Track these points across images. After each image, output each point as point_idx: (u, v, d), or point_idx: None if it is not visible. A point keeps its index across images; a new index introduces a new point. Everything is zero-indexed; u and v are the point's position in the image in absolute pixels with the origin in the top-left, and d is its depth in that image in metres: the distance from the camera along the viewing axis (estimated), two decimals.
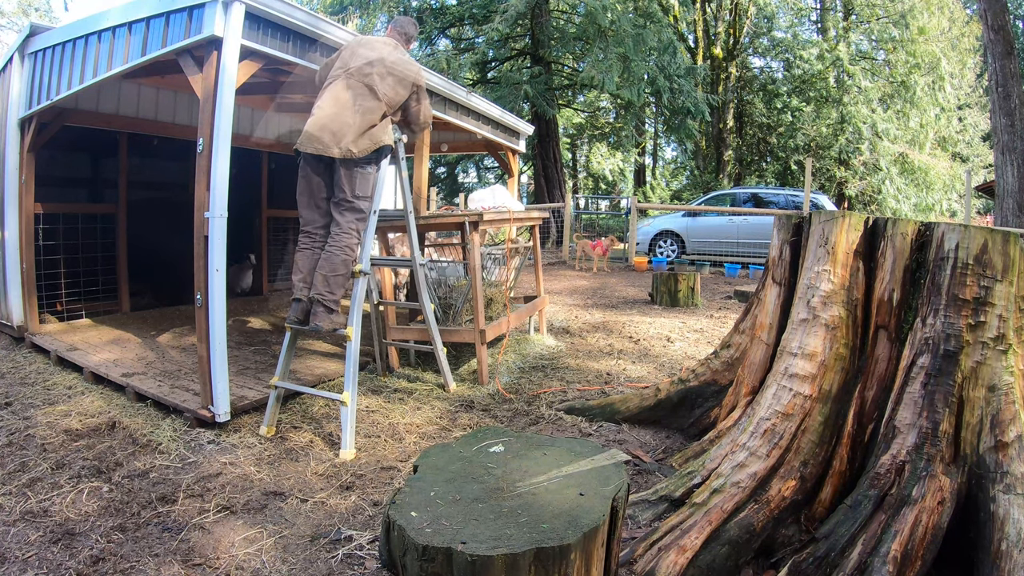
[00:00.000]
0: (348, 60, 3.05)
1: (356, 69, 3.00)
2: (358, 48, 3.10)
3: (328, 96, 2.98)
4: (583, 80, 13.03)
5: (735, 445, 2.20)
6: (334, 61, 3.15)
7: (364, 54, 3.05)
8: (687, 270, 8.80)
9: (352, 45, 3.16)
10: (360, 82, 2.97)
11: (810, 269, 2.26)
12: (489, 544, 1.21)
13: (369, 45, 3.12)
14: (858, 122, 16.76)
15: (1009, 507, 1.70)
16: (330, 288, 2.88)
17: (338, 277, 2.89)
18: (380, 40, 3.22)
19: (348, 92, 2.95)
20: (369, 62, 3.01)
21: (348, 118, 2.91)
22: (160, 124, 5.54)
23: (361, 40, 3.21)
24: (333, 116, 2.91)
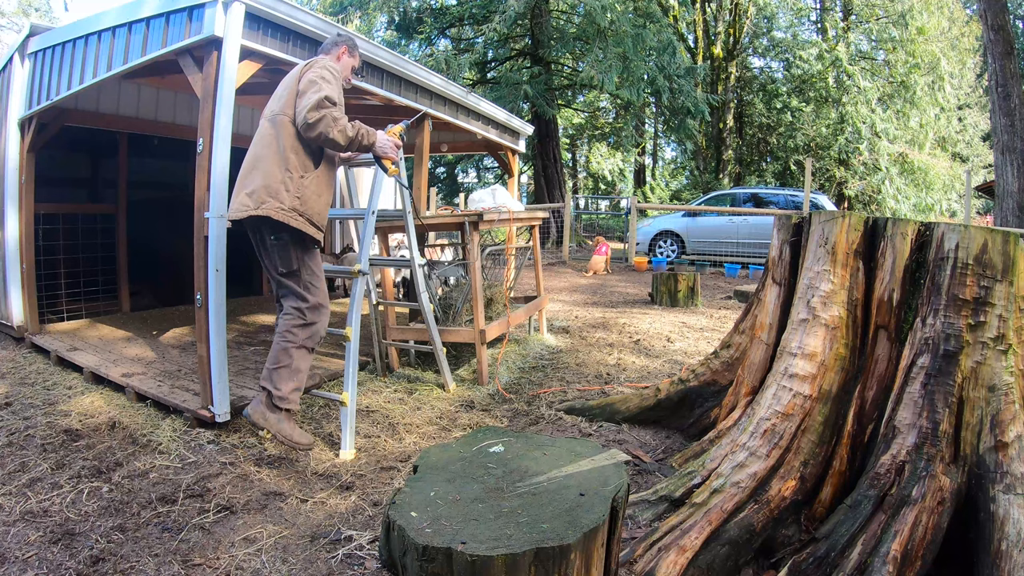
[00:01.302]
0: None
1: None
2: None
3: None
4: (583, 80, 13.04)
5: (735, 445, 2.20)
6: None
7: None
8: (687, 270, 8.80)
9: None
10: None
11: (810, 269, 2.26)
12: (489, 544, 1.21)
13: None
14: (858, 122, 16.76)
15: (1009, 507, 1.70)
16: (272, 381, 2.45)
17: (279, 369, 2.44)
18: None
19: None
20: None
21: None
22: (160, 124, 5.54)
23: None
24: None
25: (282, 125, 2.47)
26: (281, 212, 2.39)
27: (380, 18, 15.95)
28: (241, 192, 2.45)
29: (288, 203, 2.41)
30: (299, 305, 2.47)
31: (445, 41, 17.10)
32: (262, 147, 2.48)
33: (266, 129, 2.51)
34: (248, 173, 2.47)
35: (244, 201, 2.41)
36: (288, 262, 2.46)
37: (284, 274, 2.46)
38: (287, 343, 2.42)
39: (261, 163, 2.45)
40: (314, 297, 2.49)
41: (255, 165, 2.46)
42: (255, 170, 2.45)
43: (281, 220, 2.39)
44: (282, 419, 2.42)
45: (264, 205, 2.38)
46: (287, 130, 2.47)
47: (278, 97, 2.54)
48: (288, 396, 2.42)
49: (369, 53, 3.78)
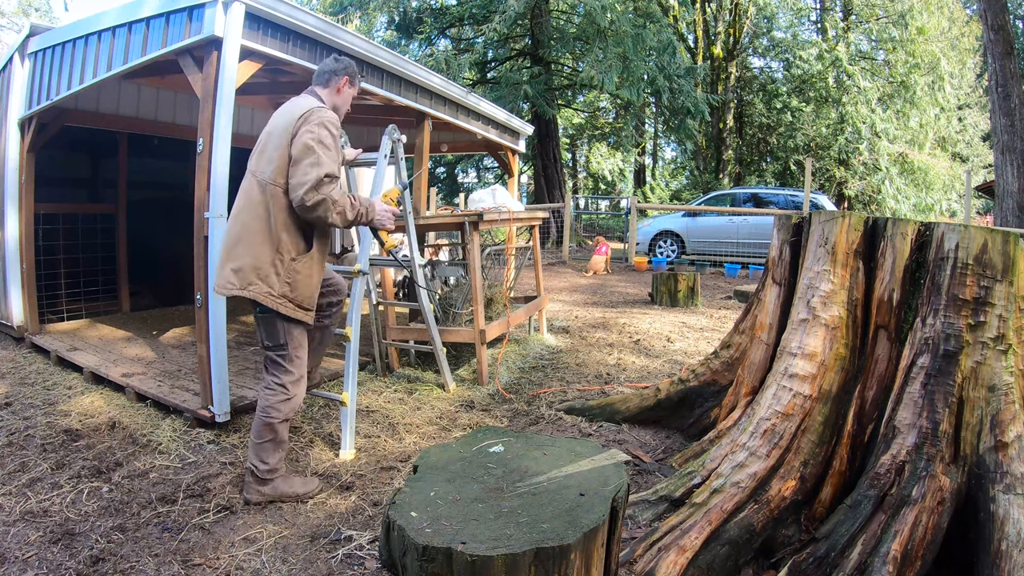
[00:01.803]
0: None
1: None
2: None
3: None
4: (583, 80, 13.04)
5: (735, 445, 2.20)
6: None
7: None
8: (687, 270, 8.80)
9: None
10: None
11: (810, 269, 2.26)
12: (489, 544, 1.21)
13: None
14: (857, 122, 16.76)
15: (1009, 507, 1.70)
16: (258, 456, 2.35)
17: (265, 444, 2.33)
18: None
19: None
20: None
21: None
22: (160, 124, 5.54)
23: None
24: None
25: (274, 197, 2.21)
26: (270, 298, 2.23)
27: (380, 18, 15.95)
28: (227, 265, 2.24)
29: (278, 289, 2.24)
30: (282, 380, 2.33)
31: (445, 41, 17.10)
32: (251, 217, 2.23)
33: (255, 194, 2.24)
34: (235, 244, 2.25)
35: (230, 278, 2.23)
36: (275, 336, 2.32)
37: (270, 347, 2.34)
38: (271, 419, 2.31)
39: (249, 237, 2.22)
40: (297, 370, 2.36)
41: (242, 237, 2.24)
42: (242, 243, 2.23)
43: (269, 306, 2.24)
44: (277, 485, 2.35)
45: (251, 287, 2.21)
46: (279, 204, 2.22)
47: (267, 155, 2.24)
48: (275, 467, 2.35)
49: (369, 53, 3.78)
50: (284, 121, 2.26)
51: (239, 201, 2.31)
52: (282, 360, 2.33)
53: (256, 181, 2.26)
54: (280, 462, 2.37)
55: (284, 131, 2.24)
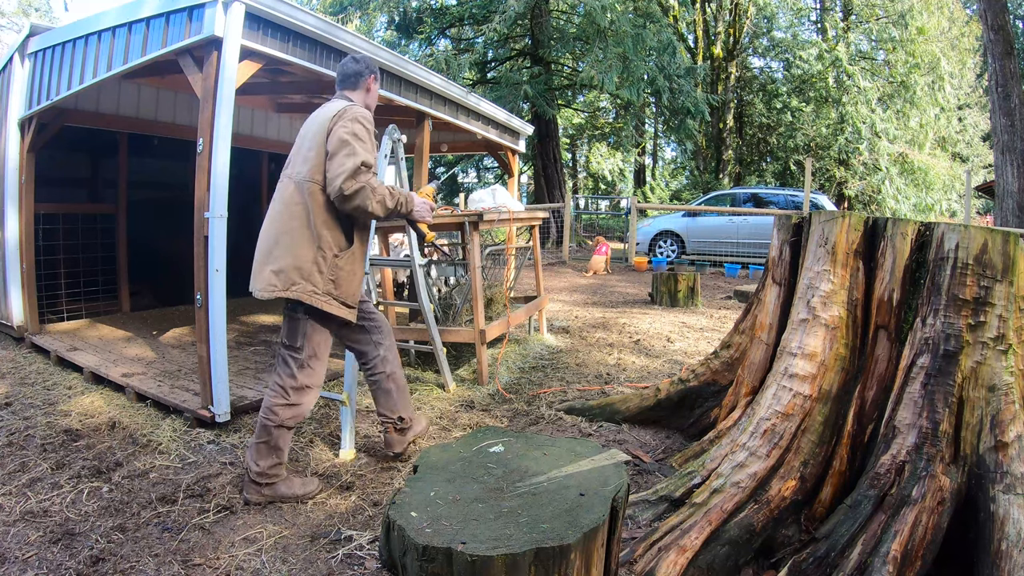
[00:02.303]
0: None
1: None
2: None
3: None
4: (583, 80, 13.03)
5: (735, 445, 2.20)
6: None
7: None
8: (687, 270, 8.80)
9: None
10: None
11: (810, 269, 2.26)
12: (489, 544, 1.21)
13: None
14: (857, 122, 16.77)
15: (1009, 507, 1.70)
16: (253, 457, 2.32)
17: (260, 445, 2.30)
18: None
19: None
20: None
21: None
22: (160, 124, 5.54)
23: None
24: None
25: (312, 195, 2.21)
26: (315, 297, 2.21)
27: (380, 18, 15.94)
28: (266, 267, 2.21)
29: (322, 287, 2.22)
30: (285, 383, 2.29)
31: (445, 41, 17.10)
32: (288, 217, 2.23)
33: (292, 195, 2.24)
34: (273, 246, 2.23)
35: (271, 280, 2.19)
36: (293, 337, 2.30)
37: (287, 345, 2.32)
38: (268, 421, 2.28)
39: (288, 238, 2.21)
40: (305, 378, 2.30)
41: (280, 238, 2.22)
42: (281, 245, 2.21)
43: (314, 305, 2.21)
44: (277, 488, 2.31)
45: (294, 288, 2.18)
46: (318, 201, 2.21)
47: (303, 156, 2.25)
48: (267, 472, 2.29)
49: (369, 53, 3.78)
50: (317, 124, 2.27)
51: (274, 206, 2.29)
52: (293, 363, 2.30)
53: (292, 182, 2.25)
54: (273, 468, 2.30)
55: (318, 131, 2.23)
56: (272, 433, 2.28)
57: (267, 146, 6.66)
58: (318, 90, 5.04)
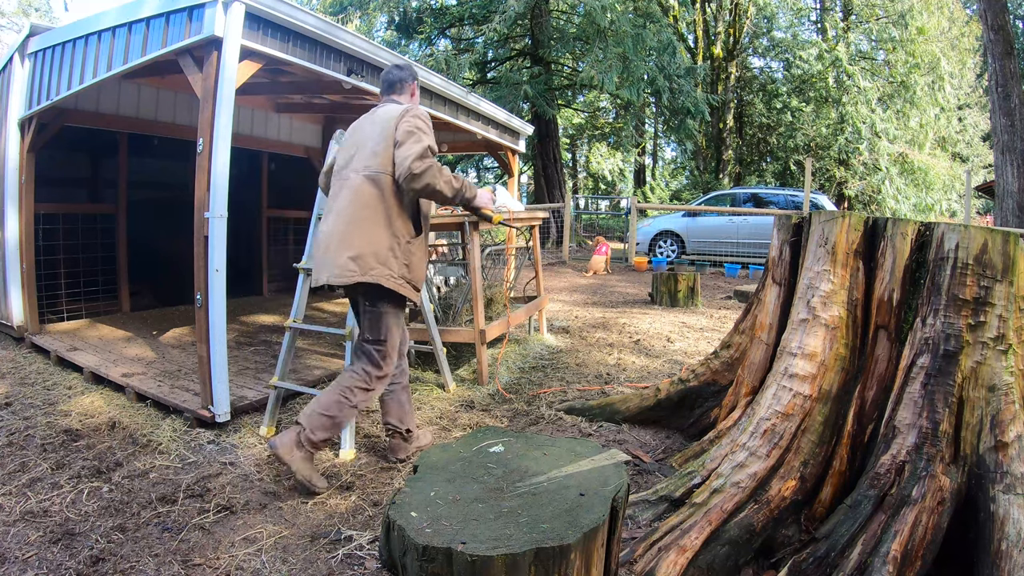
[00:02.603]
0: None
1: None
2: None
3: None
4: (583, 80, 13.03)
5: (735, 445, 2.20)
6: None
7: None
8: (687, 270, 8.80)
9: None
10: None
11: (810, 269, 2.26)
12: (489, 544, 1.21)
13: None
14: (857, 122, 16.77)
15: (1009, 507, 1.70)
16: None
17: (325, 417, 2.38)
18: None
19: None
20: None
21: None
22: (160, 124, 5.54)
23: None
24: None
25: (386, 186, 2.35)
26: (391, 280, 2.32)
27: (380, 18, 15.95)
28: (342, 254, 2.30)
29: (397, 271, 2.34)
30: (370, 371, 2.42)
31: (445, 41, 17.11)
32: (361, 207, 2.34)
33: (363, 187, 2.35)
34: (348, 235, 2.32)
35: (348, 265, 2.29)
36: (378, 331, 2.41)
37: (370, 340, 2.42)
38: (344, 399, 2.39)
39: (364, 225, 2.32)
40: (386, 368, 2.44)
41: (355, 227, 2.32)
42: (357, 233, 2.31)
43: (391, 288, 2.33)
44: (306, 459, 2.36)
45: (373, 272, 2.29)
46: (390, 191, 2.35)
47: (371, 151, 2.38)
48: (318, 443, 2.37)
49: (369, 53, 3.78)
50: (381, 123, 2.42)
51: (343, 199, 2.39)
52: (377, 355, 2.43)
53: (364, 176, 2.37)
54: (324, 443, 2.39)
55: (384, 129, 2.39)
56: (344, 411, 2.39)
57: (267, 146, 6.66)
58: (318, 90, 5.04)
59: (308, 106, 6.30)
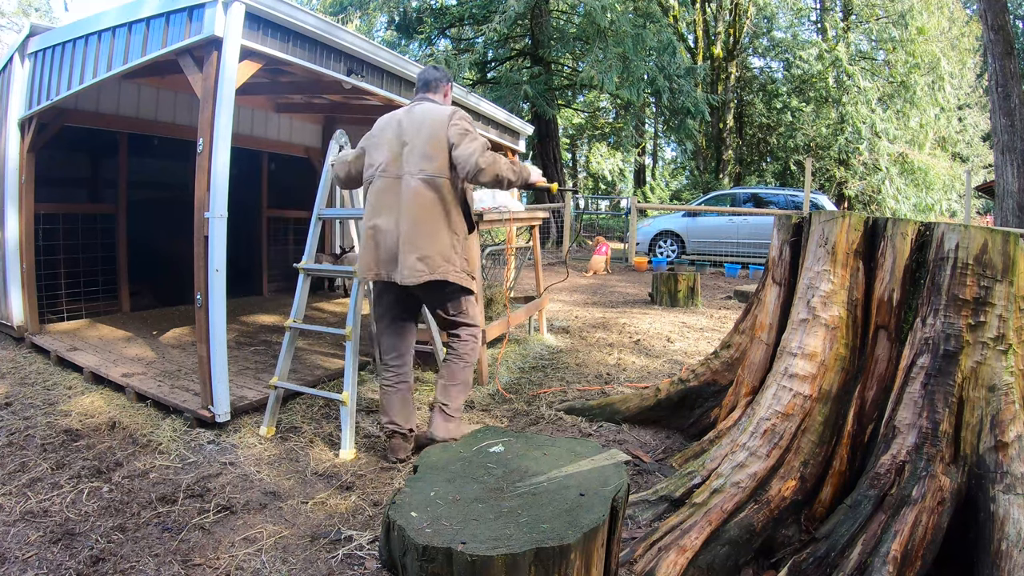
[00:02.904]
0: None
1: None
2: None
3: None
4: (583, 80, 13.04)
5: (735, 445, 2.20)
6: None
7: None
8: (687, 270, 8.80)
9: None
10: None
11: (810, 269, 2.26)
12: (489, 544, 1.21)
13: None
14: (857, 122, 16.77)
15: (1009, 507, 1.70)
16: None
17: (457, 386, 2.74)
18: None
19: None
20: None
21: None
22: (160, 124, 5.54)
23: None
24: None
25: (444, 188, 2.55)
26: (455, 274, 2.57)
27: (380, 18, 15.95)
28: (410, 255, 2.49)
29: (459, 265, 2.59)
30: (475, 332, 2.75)
31: (445, 41, 17.10)
32: (422, 209, 2.51)
33: (422, 190, 2.52)
34: (413, 236, 2.50)
35: (418, 267, 2.49)
36: (459, 305, 2.70)
37: (455, 315, 2.71)
38: (466, 364, 2.72)
39: (428, 227, 2.52)
40: (479, 319, 2.81)
41: (419, 228, 2.51)
42: (422, 235, 2.51)
43: (456, 282, 2.58)
44: (460, 424, 2.73)
45: (440, 270, 2.52)
46: (450, 194, 2.56)
47: (423, 153, 2.54)
48: (459, 407, 2.73)
49: (369, 53, 3.78)
50: (428, 128, 2.57)
51: (404, 201, 2.54)
52: (468, 320, 2.74)
53: (421, 180, 2.53)
54: (462, 405, 2.75)
55: (433, 135, 2.55)
56: (468, 373, 2.74)
57: (267, 146, 6.66)
58: (318, 90, 5.04)
59: (308, 106, 6.30)
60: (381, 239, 2.56)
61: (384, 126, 2.68)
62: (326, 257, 6.51)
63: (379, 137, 2.66)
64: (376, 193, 2.60)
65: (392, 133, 2.62)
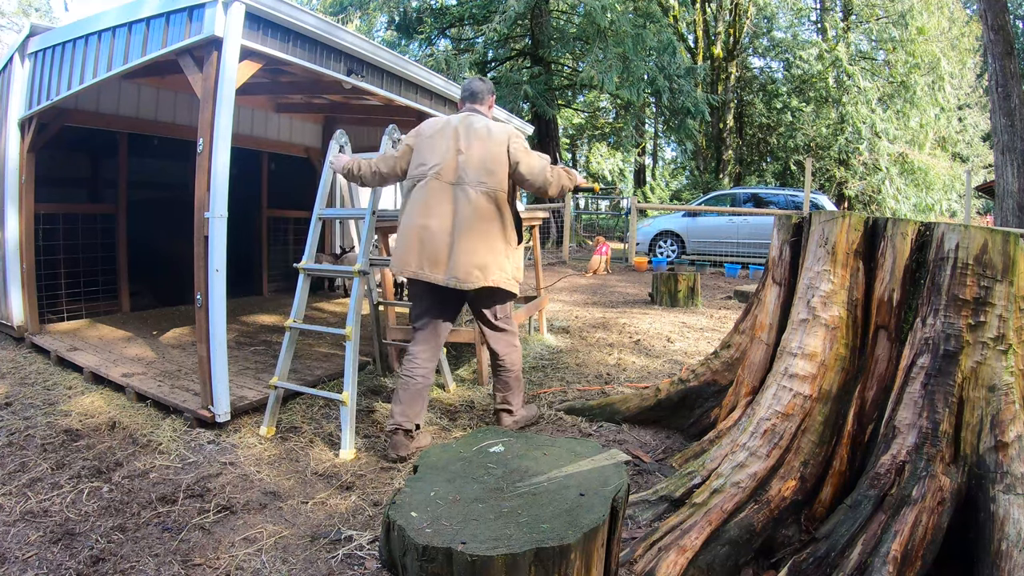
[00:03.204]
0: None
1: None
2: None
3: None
4: (583, 80, 13.04)
5: (735, 445, 2.20)
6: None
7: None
8: (687, 270, 8.80)
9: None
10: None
11: (810, 269, 2.26)
12: (489, 544, 1.21)
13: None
14: (858, 122, 16.77)
15: (1009, 507, 1.70)
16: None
17: (514, 392, 3.01)
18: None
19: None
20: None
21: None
22: (160, 124, 5.54)
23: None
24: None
25: (502, 201, 2.74)
26: (507, 282, 2.77)
27: (380, 18, 15.95)
28: (469, 261, 2.66)
29: (511, 273, 2.80)
30: (515, 342, 2.97)
31: (445, 41, 17.10)
32: (480, 220, 2.69)
33: (482, 202, 2.70)
34: (472, 245, 2.67)
35: (474, 272, 2.66)
36: (505, 310, 2.93)
37: (499, 319, 2.90)
38: (517, 371, 2.96)
39: (486, 238, 2.70)
40: (516, 330, 3.00)
41: (479, 238, 2.68)
42: (481, 243, 2.69)
43: (507, 289, 2.79)
44: (523, 414, 3.06)
45: (493, 277, 2.71)
46: (505, 206, 2.75)
47: (484, 168, 2.71)
48: (520, 402, 3.03)
49: (369, 53, 3.78)
50: (486, 143, 2.74)
51: (462, 208, 2.68)
52: (510, 327, 2.95)
53: (481, 192, 2.70)
54: (522, 399, 3.06)
55: (492, 151, 2.73)
56: (520, 379, 2.99)
57: (267, 146, 6.66)
58: (318, 90, 5.04)
59: (308, 106, 6.30)
60: (428, 239, 2.67)
61: (439, 130, 2.78)
62: (326, 257, 6.51)
63: (433, 140, 2.76)
64: (427, 193, 2.70)
65: (448, 139, 2.74)
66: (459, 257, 2.65)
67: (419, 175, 2.74)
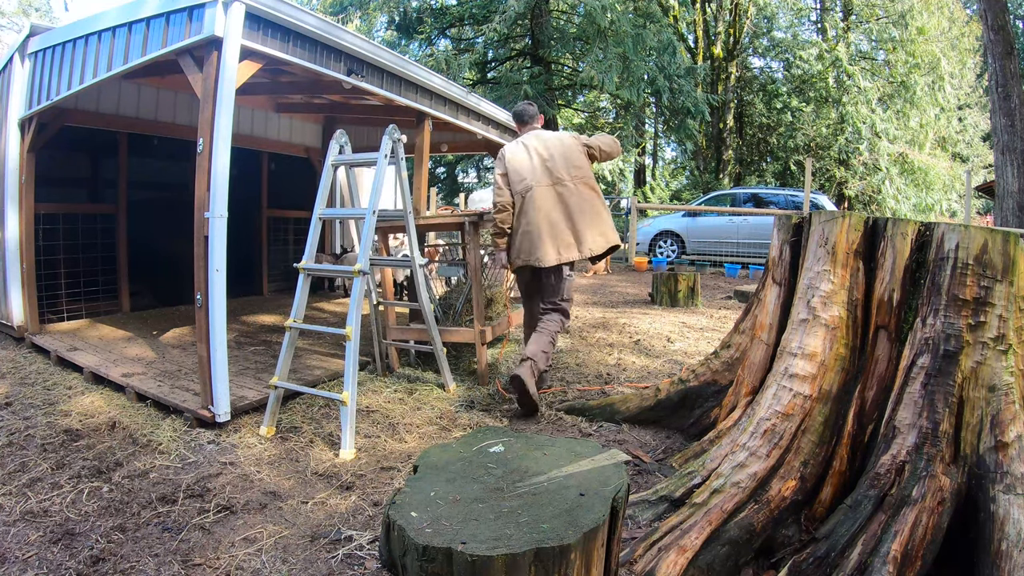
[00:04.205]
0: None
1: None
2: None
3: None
4: (583, 80, 13.04)
5: (735, 445, 2.20)
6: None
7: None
8: (687, 270, 8.80)
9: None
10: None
11: (810, 269, 2.26)
12: (489, 544, 1.21)
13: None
14: (858, 122, 16.76)
15: (1009, 507, 1.70)
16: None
17: (548, 352, 3.41)
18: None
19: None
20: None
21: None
22: (160, 124, 5.54)
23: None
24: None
25: (593, 185, 3.47)
26: (616, 239, 3.48)
27: (380, 18, 15.95)
28: (590, 234, 3.39)
29: (613, 240, 3.48)
30: (565, 321, 3.50)
31: (445, 41, 17.09)
32: (586, 203, 3.42)
33: (584, 191, 3.42)
34: (589, 221, 3.40)
35: (597, 241, 3.40)
36: (568, 289, 3.50)
37: (563, 298, 3.46)
38: (558, 331, 3.44)
39: (595, 217, 3.42)
40: (570, 312, 3.61)
41: (590, 215, 3.40)
42: (595, 219, 3.42)
43: (611, 248, 3.47)
44: (534, 384, 3.25)
45: (611, 241, 3.46)
46: (596, 187, 3.49)
47: (571, 163, 3.43)
48: (544, 370, 3.41)
49: (369, 53, 3.79)
50: (562, 149, 3.46)
51: (570, 197, 3.39)
52: (567, 304, 3.51)
53: (576, 183, 3.41)
54: (545, 371, 3.56)
55: (568, 153, 3.45)
56: (556, 340, 3.43)
57: (267, 146, 6.67)
58: (318, 90, 5.04)
59: (308, 106, 6.30)
60: (557, 231, 3.35)
61: (520, 152, 3.47)
62: (326, 257, 6.51)
63: (519, 161, 3.44)
64: (537, 198, 3.37)
65: (531, 155, 3.43)
66: (584, 233, 3.37)
67: (524, 188, 3.40)
